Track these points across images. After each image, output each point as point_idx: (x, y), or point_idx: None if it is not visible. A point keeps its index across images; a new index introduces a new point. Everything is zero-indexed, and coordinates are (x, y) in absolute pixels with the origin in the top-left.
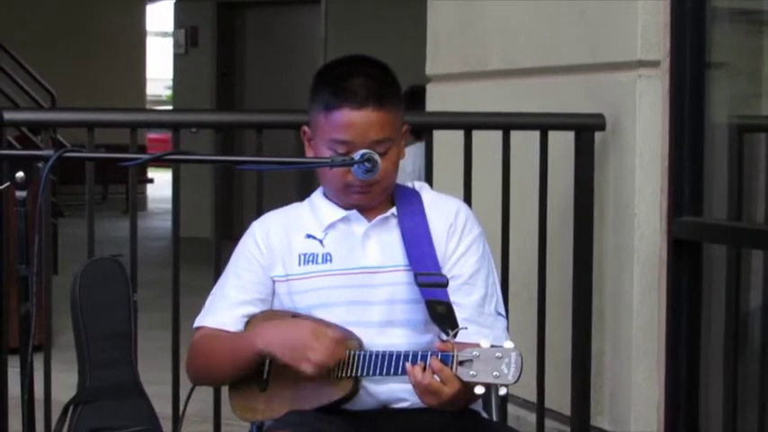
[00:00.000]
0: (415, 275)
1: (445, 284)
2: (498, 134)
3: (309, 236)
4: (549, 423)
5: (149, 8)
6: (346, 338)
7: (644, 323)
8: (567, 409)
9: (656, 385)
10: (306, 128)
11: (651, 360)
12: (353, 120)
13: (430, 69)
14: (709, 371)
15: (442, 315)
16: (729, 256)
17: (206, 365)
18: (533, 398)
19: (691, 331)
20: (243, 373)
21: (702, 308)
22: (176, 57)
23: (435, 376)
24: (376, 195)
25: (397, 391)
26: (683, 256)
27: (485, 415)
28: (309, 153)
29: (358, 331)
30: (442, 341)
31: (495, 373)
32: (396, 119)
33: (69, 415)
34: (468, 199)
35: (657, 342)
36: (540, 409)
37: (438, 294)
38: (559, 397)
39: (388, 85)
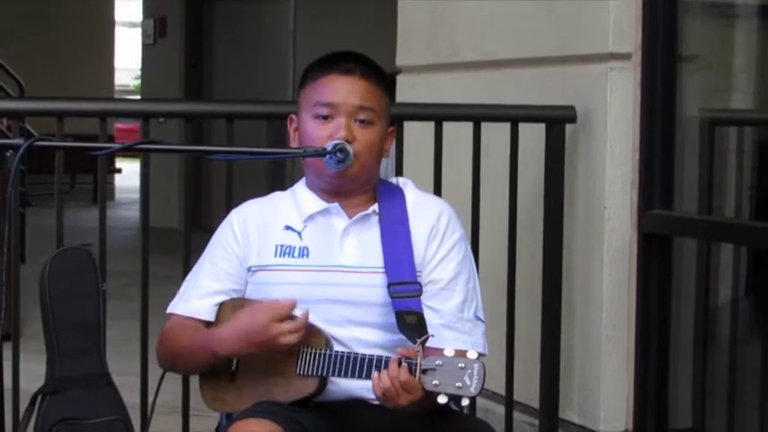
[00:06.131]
0: (389, 285)
1: (418, 294)
2: (469, 126)
3: (288, 227)
4: (517, 415)
5: None
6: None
7: (614, 316)
8: (535, 402)
9: (625, 378)
10: (293, 115)
11: (620, 353)
12: (339, 83)
13: (400, 60)
14: (678, 364)
15: (410, 325)
16: (699, 249)
17: (174, 355)
18: (502, 390)
19: (660, 324)
20: (208, 368)
21: (672, 301)
22: (144, 47)
23: (397, 382)
24: (355, 174)
25: (364, 389)
26: (653, 249)
27: (454, 407)
28: (294, 144)
29: (327, 328)
30: (408, 348)
31: (457, 384)
32: (380, 98)
33: (37, 405)
34: (437, 191)
35: (627, 335)
36: (509, 401)
37: (409, 304)
38: (528, 390)
39: (376, 67)
